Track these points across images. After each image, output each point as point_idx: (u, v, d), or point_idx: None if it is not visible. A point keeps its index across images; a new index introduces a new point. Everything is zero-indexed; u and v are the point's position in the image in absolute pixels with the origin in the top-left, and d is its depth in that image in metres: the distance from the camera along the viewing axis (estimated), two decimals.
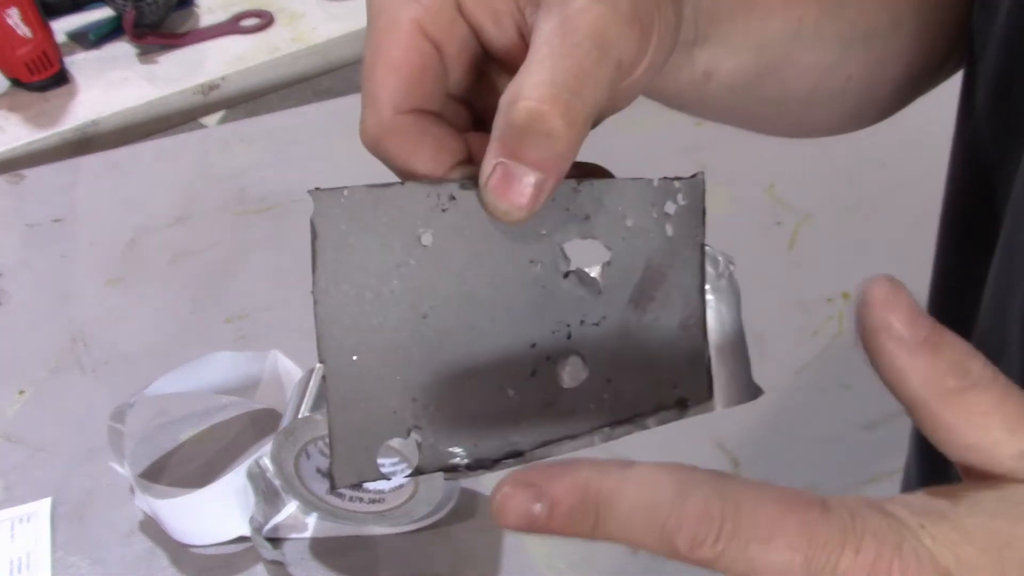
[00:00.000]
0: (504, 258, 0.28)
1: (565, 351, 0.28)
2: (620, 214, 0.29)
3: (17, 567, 0.54)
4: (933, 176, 0.89)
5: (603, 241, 0.29)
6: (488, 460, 0.28)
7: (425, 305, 0.27)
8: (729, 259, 0.31)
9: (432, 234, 0.27)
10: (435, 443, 0.27)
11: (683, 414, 0.29)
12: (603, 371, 0.29)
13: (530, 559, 0.54)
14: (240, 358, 0.59)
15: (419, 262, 0.27)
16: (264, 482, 0.52)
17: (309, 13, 1.14)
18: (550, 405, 0.28)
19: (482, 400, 0.28)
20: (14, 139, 0.94)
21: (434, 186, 0.27)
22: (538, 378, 0.28)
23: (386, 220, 0.26)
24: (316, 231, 0.26)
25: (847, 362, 0.66)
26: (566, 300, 0.29)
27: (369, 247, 0.26)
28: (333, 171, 0.86)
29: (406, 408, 0.27)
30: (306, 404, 0.49)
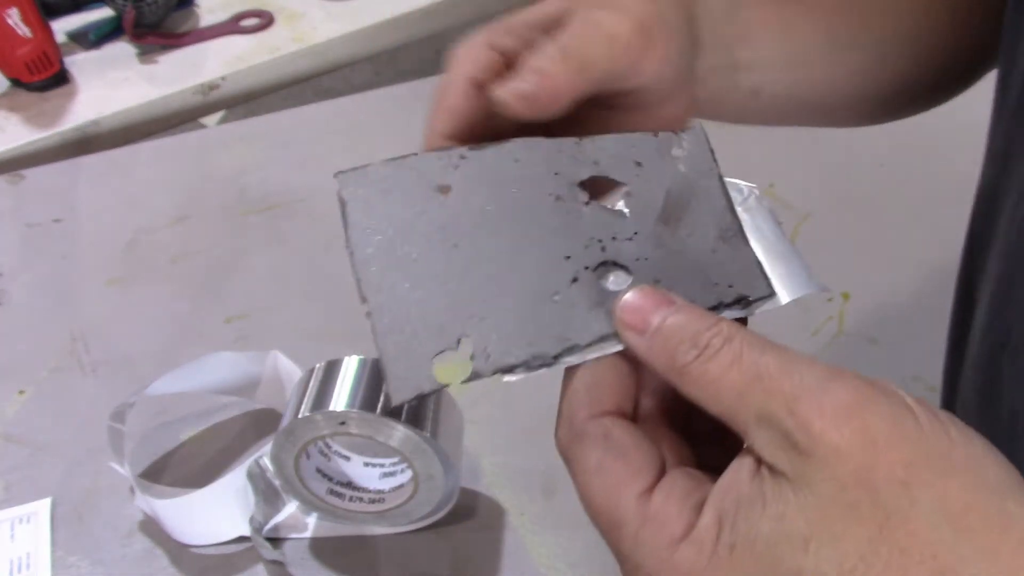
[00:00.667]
0: (521, 193, 0.29)
1: (602, 261, 0.29)
2: (628, 157, 0.31)
3: (17, 567, 0.54)
4: (933, 176, 0.90)
5: (617, 178, 0.30)
6: (547, 356, 0.28)
7: (454, 237, 0.29)
8: (752, 187, 0.32)
9: (449, 186, 0.29)
10: (487, 347, 0.28)
11: (748, 309, 0.29)
12: (649, 275, 0.29)
13: (530, 559, 0.54)
14: (240, 358, 0.59)
15: (440, 206, 0.29)
16: (264, 482, 0.52)
17: (309, 13, 1.14)
18: (600, 304, 0.29)
19: (528, 306, 0.28)
20: (14, 139, 0.94)
21: (445, 151, 0.30)
22: (581, 284, 0.29)
23: (405, 181, 0.29)
24: (343, 200, 0.29)
25: (847, 362, 0.66)
26: (592, 221, 0.30)
27: (393, 203, 0.29)
28: (333, 171, 0.86)
29: (451, 322, 0.28)
30: (306, 404, 0.49)
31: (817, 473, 0.22)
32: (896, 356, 0.67)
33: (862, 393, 0.23)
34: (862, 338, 0.68)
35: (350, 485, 0.54)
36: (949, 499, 0.22)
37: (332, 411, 0.48)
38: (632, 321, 0.26)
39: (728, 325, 0.25)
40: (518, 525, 0.56)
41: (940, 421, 0.23)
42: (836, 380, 0.23)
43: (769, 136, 0.87)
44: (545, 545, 0.55)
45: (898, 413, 0.23)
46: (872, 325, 0.69)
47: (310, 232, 0.78)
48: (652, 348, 0.26)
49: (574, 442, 0.27)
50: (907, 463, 0.22)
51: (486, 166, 0.29)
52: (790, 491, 0.23)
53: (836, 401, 0.23)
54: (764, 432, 0.23)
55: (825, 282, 0.30)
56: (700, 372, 0.25)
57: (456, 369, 0.28)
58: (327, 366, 0.50)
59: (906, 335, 0.68)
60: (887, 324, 0.69)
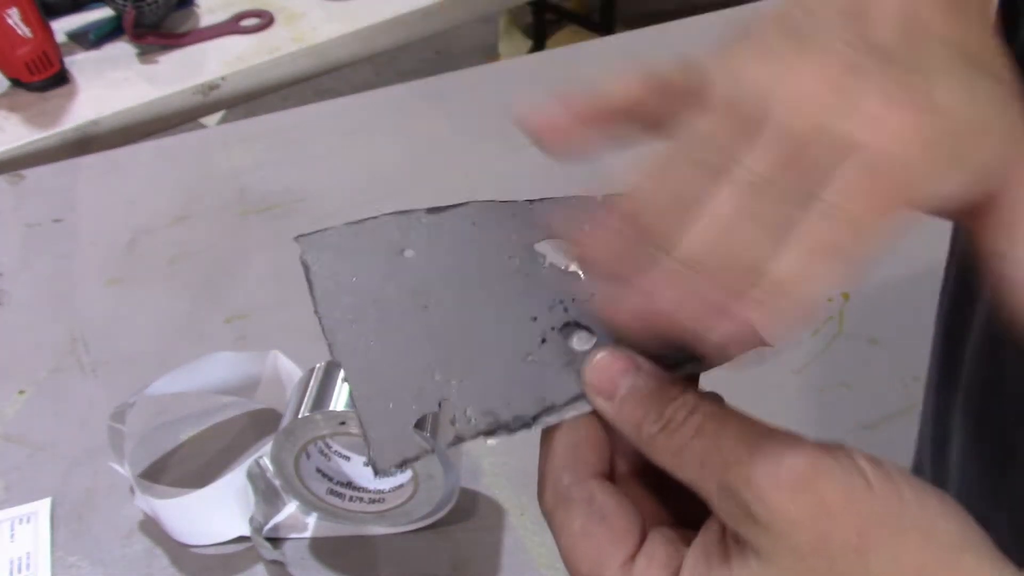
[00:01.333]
0: (482, 256, 0.30)
1: (566, 322, 0.30)
2: (577, 219, 0.31)
3: (17, 567, 0.54)
4: None
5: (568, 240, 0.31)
6: (526, 417, 0.29)
7: (422, 299, 0.29)
8: None
9: (412, 248, 0.30)
10: (467, 410, 0.28)
11: (703, 364, 0.29)
12: (610, 336, 0.29)
13: (530, 559, 0.54)
14: (240, 358, 0.59)
15: (405, 270, 0.29)
16: (264, 482, 0.52)
17: (309, 13, 1.14)
18: (571, 364, 0.29)
19: (503, 367, 0.29)
20: (14, 139, 0.94)
21: (404, 214, 0.30)
22: (550, 345, 0.29)
23: (367, 244, 0.30)
24: (306, 264, 0.29)
25: (847, 362, 0.66)
26: (551, 284, 0.30)
27: (357, 266, 0.29)
28: (333, 171, 0.86)
29: (430, 385, 0.28)
30: (306, 404, 0.49)
31: (776, 543, 0.23)
32: (896, 356, 0.67)
33: (815, 463, 0.24)
34: (862, 338, 0.68)
35: (350, 485, 0.54)
36: (903, 560, 0.23)
37: (332, 411, 0.48)
38: (599, 387, 0.27)
39: (691, 396, 0.26)
40: (518, 525, 0.55)
41: (893, 482, 0.24)
42: (790, 450, 0.24)
43: None
44: (545, 545, 0.55)
45: (850, 480, 0.24)
46: (872, 325, 0.69)
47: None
48: (620, 416, 0.27)
49: (559, 506, 0.28)
50: (860, 529, 0.23)
51: (445, 229, 0.30)
52: (753, 560, 0.24)
53: (790, 473, 0.24)
54: (726, 503, 0.24)
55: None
56: (665, 445, 0.26)
57: (439, 434, 0.28)
58: (327, 366, 0.50)
59: (906, 335, 0.68)
60: (887, 324, 0.69)
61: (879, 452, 0.68)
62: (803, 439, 0.25)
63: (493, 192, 0.89)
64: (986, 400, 0.38)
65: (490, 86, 0.96)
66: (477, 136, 0.88)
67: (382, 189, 0.82)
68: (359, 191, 0.82)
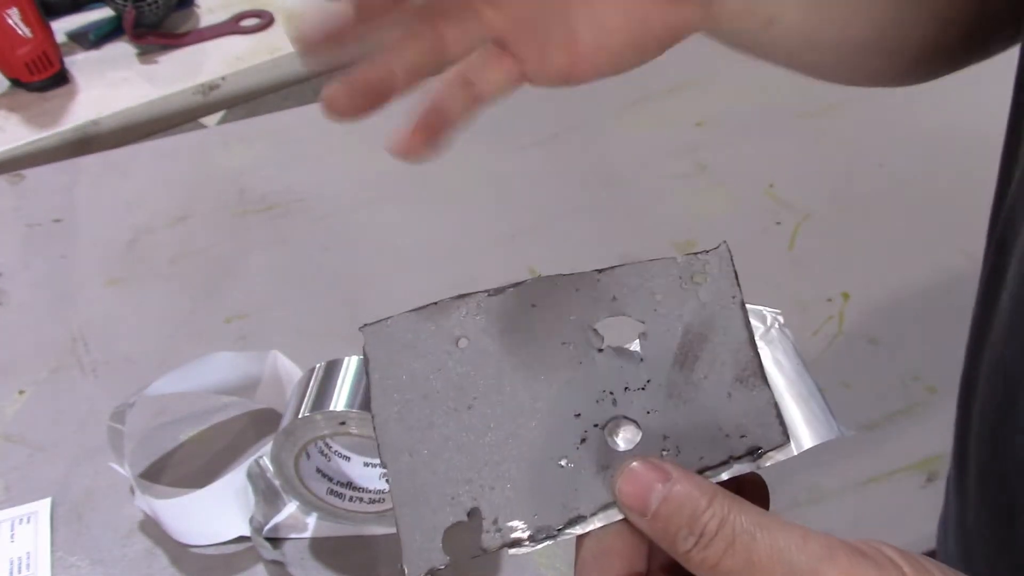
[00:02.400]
0: (535, 346, 0.30)
1: (612, 416, 0.29)
2: (648, 290, 0.30)
3: (17, 567, 0.54)
4: (932, 176, 0.90)
5: (634, 316, 0.30)
6: (551, 528, 0.29)
7: (468, 397, 0.29)
8: (775, 313, 0.32)
9: (467, 338, 0.30)
10: (495, 520, 0.29)
11: (758, 461, 0.29)
12: (657, 429, 0.29)
13: (530, 559, 0.54)
14: (240, 358, 0.59)
15: (457, 363, 0.30)
16: (264, 482, 0.52)
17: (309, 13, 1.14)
18: (607, 468, 0.29)
19: (535, 473, 0.29)
20: (14, 139, 0.94)
21: (464, 299, 0.30)
22: (589, 445, 0.29)
23: (424, 335, 0.30)
24: (367, 357, 0.30)
25: (847, 362, 0.66)
26: (604, 371, 0.30)
27: (412, 360, 0.30)
28: (333, 171, 0.86)
29: (462, 492, 0.29)
30: (306, 404, 0.49)
31: None
32: (896, 356, 0.67)
33: (853, 573, 0.24)
34: (862, 338, 0.68)
35: (350, 485, 0.54)
36: None
37: (332, 411, 0.48)
38: (631, 504, 0.27)
39: (721, 504, 0.26)
40: None
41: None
42: (826, 563, 0.24)
43: (769, 136, 0.87)
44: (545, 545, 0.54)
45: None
46: (872, 325, 0.69)
47: (310, 232, 0.78)
48: (654, 531, 0.27)
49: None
50: None
51: (503, 314, 0.30)
52: None
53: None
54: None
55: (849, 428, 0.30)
56: (700, 560, 0.26)
57: (466, 544, 0.28)
58: (327, 366, 0.50)
59: (906, 335, 0.68)
60: (887, 324, 0.69)
61: (878, 452, 0.68)
62: (838, 546, 0.24)
63: (494, 193, 0.89)
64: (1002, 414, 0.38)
65: None
66: (477, 136, 0.87)
67: (382, 189, 0.82)
68: (359, 191, 0.82)
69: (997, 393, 0.38)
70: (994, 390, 0.38)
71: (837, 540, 0.24)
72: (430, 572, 0.28)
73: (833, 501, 0.58)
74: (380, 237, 0.77)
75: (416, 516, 0.28)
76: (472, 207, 0.81)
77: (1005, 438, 0.37)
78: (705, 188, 0.81)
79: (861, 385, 0.64)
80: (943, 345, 0.49)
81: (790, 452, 0.29)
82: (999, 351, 0.38)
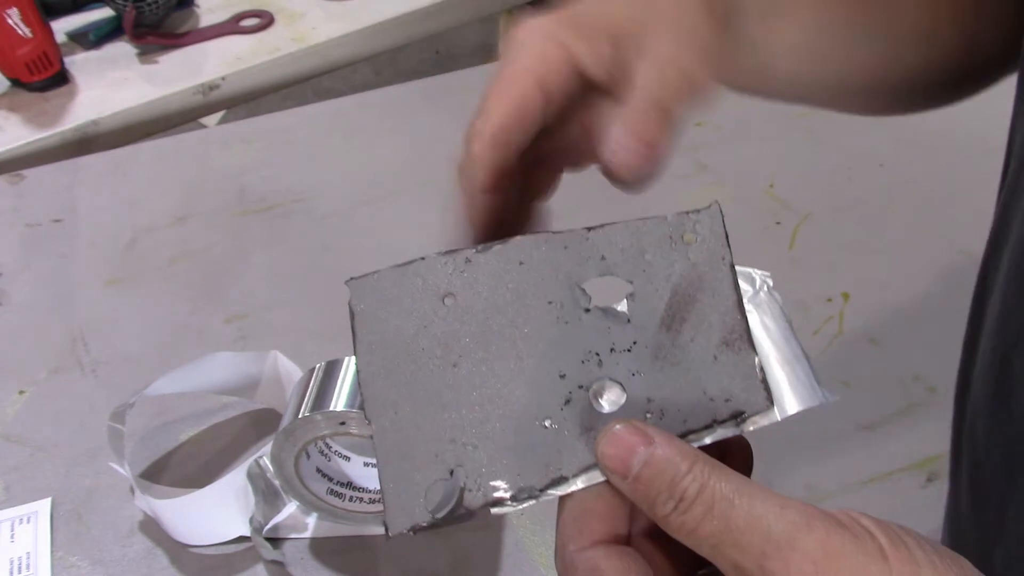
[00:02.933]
0: (521, 303, 0.30)
1: (598, 378, 0.29)
2: (637, 249, 0.30)
3: (17, 567, 0.54)
4: (933, 176, 0.90)
5: (622, 276, 0.30)
6: (533, 489, 0.29)
7: (454, 355, 0.29)
8: (765, 276, 0.31)
9: (453, 295, 0.29)
10: (478, 479, 0.28)
11: (742, 426, 0.29)
12: (642, 392, 0.29)
13: (530, 559, 0.54)
14: (240, 358, 0.59)
15: (443, 320, 0.29)
16: (264, 482, 0.52)
17: (309, 13, 1.14)
18: (590, 430, 0.29)
19: (519, 433, 0.29)
20: (14, 139, 0.94)
21: (451, 255, 0.30)
22: (573, 406, 0.29)
23: (411, 290, 0.29)
24: (352, 312, 0.29)
25: (847, 362, 0.66)
26: (591, 331, 0.30)
27: (398, 315, 0.29)
28: (333, 171, 0.86)
29: (446, 450, 0.28)
30: (306, 404, 0.49)
31: None
32: (896, 356, 0.67)
33: (829, 544, 0.24)
34: (862, 338, 0.68)
35: (350, 485, 0.54)
36: None
37: (332, 411, 0.48)
38: (613, 466, 0.27)
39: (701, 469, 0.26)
40: (518, 525, 0.56)
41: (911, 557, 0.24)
42: (803, 533, 0.24)
43: (769, 136, 0.87)
44: (545, 545, 0.55)
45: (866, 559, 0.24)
46: (872, 325, 0.69)
47: (310, 232, 0.78)
48: (634, 493, 0.27)
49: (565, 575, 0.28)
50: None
51: (490, 271, 0.29)
52: None
53: (803, 557, 0.24)
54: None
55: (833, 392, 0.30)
56: (678, 524, 0.26)
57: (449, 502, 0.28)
58: (327, 366, 0.50)
59: (906, 335, 0.68)
60: (887, 324, 0.69)
61: (878, 452, 0.68)
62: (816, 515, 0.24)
63: None
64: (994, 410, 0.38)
65: None
66: None
67: (382, 189, 0.82)
68: (359, 191, 0.82)
69: (990, 384, 0.38)
70: (987, 381, 0.38)
71: (815, 509, 0.25)
72: (412, 529, 0.28)
73: (833, 501, 0.58)
74: (380, 237, 0.77)
75: (400, 473, 0.28)
76: None
77: (998, 428, 0.37)
78: (705, 188, 0.81)
79: (861, 385, 0.64)
80: (943, 345, 0.49)
81: (774, 417, 0.29)
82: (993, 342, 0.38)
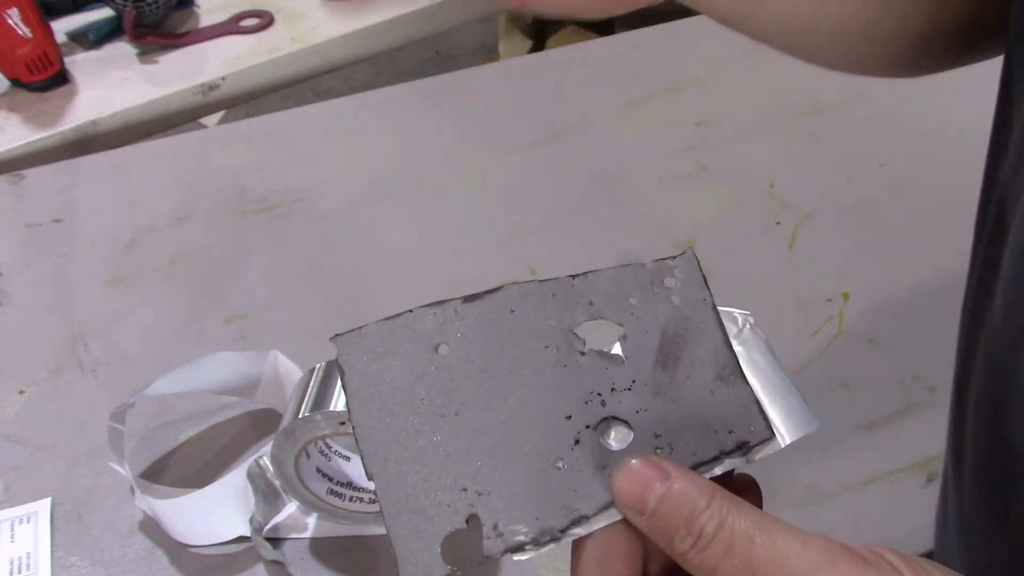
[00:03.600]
0: (518, 349, 0.29)
1: (603, 417, 0.29)
2: (622, 295, 0.30)
3: (17, 567, 0.54)
4: (933, 176, 0.90)
5: (612, 319, 0.30)
6: (554, 530, 0.28)
7: (455, 403, 0.29)
8: (746, 315, 0.32)
9: (446, 344, 0.29)
10: (496, 524, 0.28)
11: (748, 456, 0.29)
12: (649, 429, 0.29)
13: (530, 559, 0.54)
14: (240, 358, 0.59)
15: (439, 369, 0.29)
16: (264, 482, 0.52)
17: (309, 13, 1.14)
18: (603, 467, 0.29)
19: (532, 477, 0.29)
20: (14, 139, 0.94)
21: (439, 306, 0.29)
22: (583, 446, 0.29)
23: (402, 342, 0.29)
24: (342, 368, 0.29)
25: (847, 362, 0.66)
26: (590, 373, 0.30)
27: (391, 368, 0.29)
28: (333, 171, 0.86)
29: (458, 499, 0.28)
30: (306, 404, 0.49)
31: None
32: (896, 356, 0.67)
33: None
34: (862, 338, 0.68)
35: (350, 485, 0.54)
36: None
37: (332, 411, 0.48)
38: (629, 502, 0.27)
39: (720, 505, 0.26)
40: None
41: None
42: (827, 570, 0.24)
43: (769, 136, 0.87)
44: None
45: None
46: (872, 325, 0.69)
47: (310, 232, 0.78)
48: (652, 530, 0.27)
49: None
50: None
51: (482, 320, 0.29)
52: None
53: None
54: None
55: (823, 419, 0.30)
56: (698, 562, 0.25)
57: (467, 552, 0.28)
58: (327, 366, 0.50)
59: (906, 335, 0.68)
60: (887, 324, 0.69)
61: (878, 452, 0.68)
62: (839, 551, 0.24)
63: (494, 193, 0.89)
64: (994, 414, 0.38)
65: (490, 86, 0.96)
66: (477, 136, 0.88)
67: (382, 189, 0.82)
68: (359, 191, 0.82)
69: (991, 387, 0.38)
70: (988, 385, 0.38)
71: (838, 545, 0.24)
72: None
73: (833, 501, 0.58)
74: (380, 237, 0.77)
75: (410, 525, 0.28)
76: (472, 207, 0.81)
77: (1001, 431, 0.37)
78: (705, 188, 0.81)
79: (861, 385, 0.64)
80: (943, 345, 0.49)
81: (777, 446, 0.30)
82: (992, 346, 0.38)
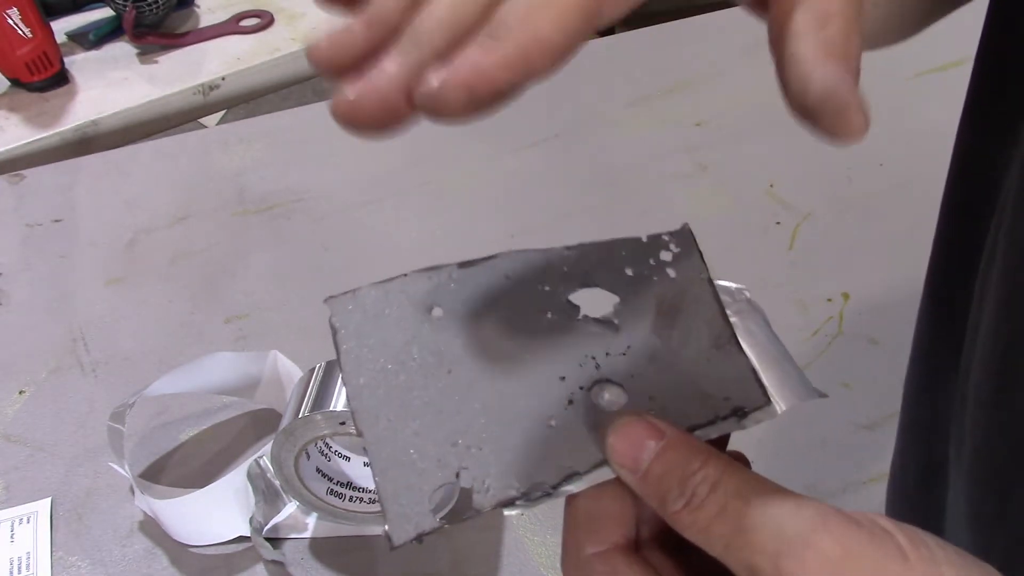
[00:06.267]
0: (513, 313, 0.29)
1: (597, 379, 0.29)
2: (618, 266, 0.30)
3: (17, 567, 0.54)
4: (932, 176, 0.89)
5: (606, 289, 0.30)
6: (546, 486, 0.28)
7: (447, 363, 0.29)
8: (742, 288, 0.32)
9: (440, 307, 0.29)
10: (486, 480, 0.28)
11: (743, 422, 0.29)
12: (643, 392, 0.29)
13: (530, 559, 0.54)
14: (240, 358, 0.59)
15: (432, 331, 0.29)
16: (264, 482, 0.52)
17: (309, 13, 1.14)
18: (596, 427, 0.29)
19: (524, 434, 0.28)
20: (14, 139, 0.94)
21: (434, 271, 0.29)
22: (576, 407, 0.29)
23: (395, 304, 0.29)
24: (334, 327, 0.29)
25: (847, 362, 0.66)
26: (585, 337, 0.30)
27: (384, 328, 0.29)
28: (333, 171, 0.86)
29: (448, 454, 0.28)
30: (306, 404, 0.49)
31: None
32: (896, 356, 0.67)
33: (847, 543, 0.23)
34: (862, 338, 0.68)
35: (350, 485, 0.54)
36: None
37: (332, 411, 0.48)
38: (622, 460, 0.27)
39: (714, 467, 0.25)
40: (518, 524, 0.56)
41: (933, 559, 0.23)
42: (820, 532, 0.23)
43: (769, 136, 0.87)
44: (545, 545, 0.55)
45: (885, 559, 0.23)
46: (872, 325, 0.69)
47: (309, 232, 0.78)
48: (644, 489, 0.26)
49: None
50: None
51: (476, 285, 0.29)
52: None
53: (820, 556, 0.23)
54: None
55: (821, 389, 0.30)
56: (689, 522, 0.25)
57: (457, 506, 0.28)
58: (327, 366, 0.51)
59: (906, 335, 0.68)
60: (887, 324, 0.69)
61: (878, 452, 0.67)
62: (832, 514, 0.24)
63: (494, 193, 0.89)
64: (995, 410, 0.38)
65: None
66: (477, 136, 0.88)
67: (382, 189, 0.82)
68: (359, 191, 0.82)
69: (992, 378, 0.38)
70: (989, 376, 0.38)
71: (831, 508, 0.24)
72: (419, 537, 0.27)
73: (833, 501, 0.57)
74: (380, 237, 0.77)
75: (399, 480, 0.27)
76: (472, 207, 0.81)
77: (1001, 420, 0.37)
78: (705, 188, 0.81)
79: (861, 385, 0.64)
80: None
81: (773, 412, 0.30)
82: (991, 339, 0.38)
